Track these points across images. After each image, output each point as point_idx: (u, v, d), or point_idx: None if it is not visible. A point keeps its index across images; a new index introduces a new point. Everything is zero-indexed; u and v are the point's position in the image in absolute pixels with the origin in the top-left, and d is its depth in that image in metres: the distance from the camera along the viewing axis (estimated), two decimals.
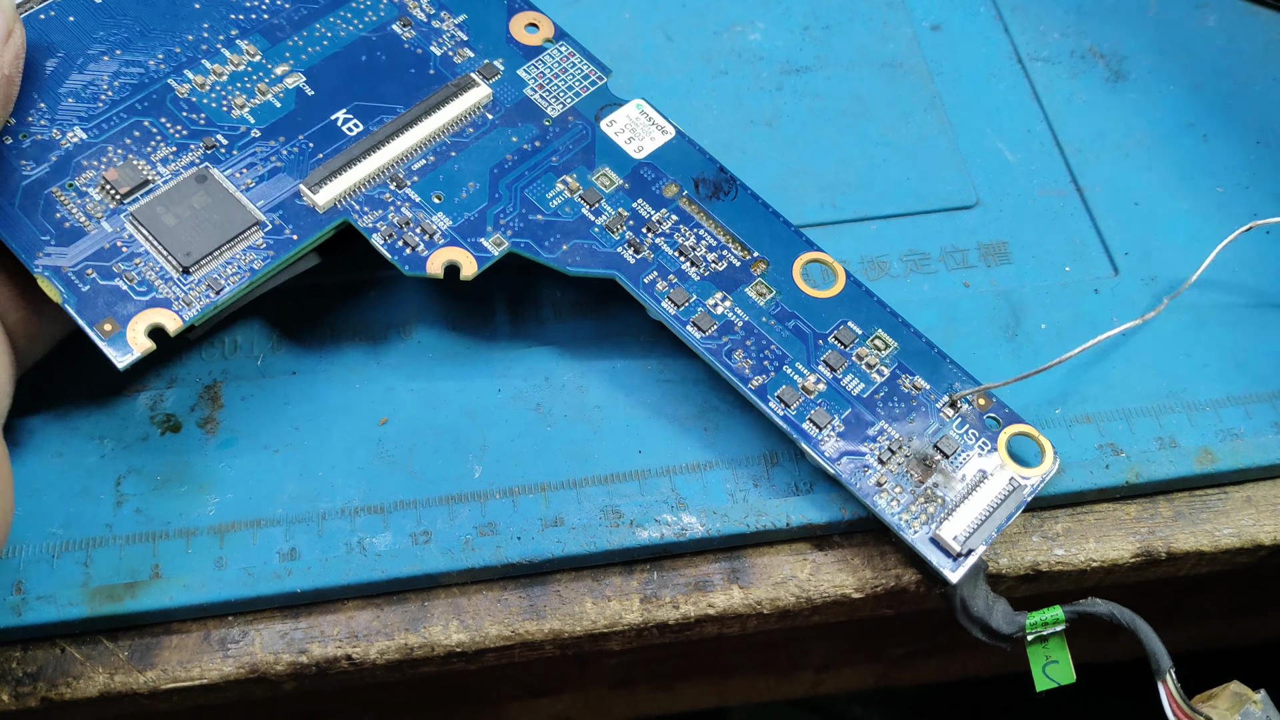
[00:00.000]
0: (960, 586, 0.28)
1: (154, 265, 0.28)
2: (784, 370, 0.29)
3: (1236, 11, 0.40)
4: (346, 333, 0.33)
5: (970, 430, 0.29)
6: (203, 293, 0.28)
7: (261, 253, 0.29)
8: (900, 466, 0.29)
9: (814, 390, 0.29)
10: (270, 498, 0.30)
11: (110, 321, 0.27)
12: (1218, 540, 0.30)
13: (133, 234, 0.28)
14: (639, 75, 0.38)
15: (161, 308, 0.27)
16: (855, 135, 0.37)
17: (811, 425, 0.29)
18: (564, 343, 0.33)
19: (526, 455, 0.31)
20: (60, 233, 0.28)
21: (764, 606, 0.29)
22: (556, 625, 0.29)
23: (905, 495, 0.28)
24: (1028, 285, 0.34)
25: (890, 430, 0.29)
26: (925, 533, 0.28)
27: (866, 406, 0.29)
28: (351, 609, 0.29)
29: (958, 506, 0.28)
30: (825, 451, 0.29)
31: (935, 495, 0.28)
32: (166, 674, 0.28)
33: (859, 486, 0.28)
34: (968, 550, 0.28)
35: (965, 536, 0.28)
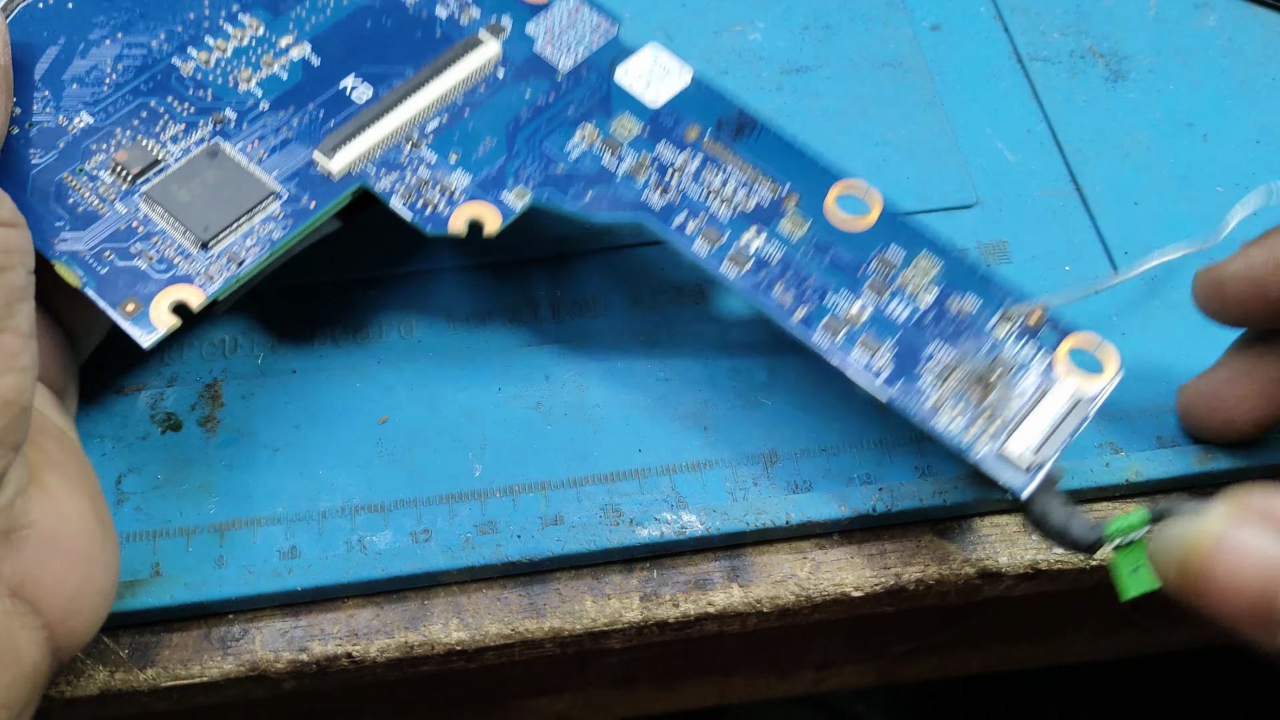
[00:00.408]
0: (1034, 501, 0.27)
1: (172, 243, 0.28)
2: (826, 301, 0.28)
3: (1236, 11, 0.40)
4: (347, 333, 0.33)
5: (1027, 345, 0.28)
6: (224, 266, 0.27)
7: (280, 222, 0.28)
8: (957, 388, 0.27)
9: (859, 318, 0.28)
10: (270, 496, 0.30)
11: (132, 301, 0.27)
12: None
13: (148, 213, 0.28)
14: None
15: (183, 284, 0.27)
16: (855, 135, 0.37)
17: (862, 351, 0.28)
18: (564, 343, 0.33)
19: (526, 454, 0.31)
20: (74, 217, 0.28)
21: (764, 605, 0.29)
22: (556, 624, 0.29)
23: (965, 415, 0.27)
24: (1028, 285, 0.33)
25: (943, 353, 0.28)
26: (991, 450, 0.27)
27: (915, 331, 0.28)
28: (352, 607, 0.29)
29: (1022, 422, 0.27)
30: (878, 381, 0.28)
31: (997, 414, 0.27)
32: (167, 672, 0.29)
33: (916, 411, 0.27)
34: (1038, 464, 0.27)
35: (1034, 450, 0.27)
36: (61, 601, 0.24)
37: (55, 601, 0.24)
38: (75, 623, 0.24)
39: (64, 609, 0.24)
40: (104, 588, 0.25)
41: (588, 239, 0.34)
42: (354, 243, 0.34)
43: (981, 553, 0.30)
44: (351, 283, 0.34)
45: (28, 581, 0.23)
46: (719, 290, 0.34)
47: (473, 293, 0.34)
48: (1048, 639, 0.43)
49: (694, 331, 0.33)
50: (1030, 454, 0.27)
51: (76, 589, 0.24)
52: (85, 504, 0.25)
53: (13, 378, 0.22)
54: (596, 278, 0.34)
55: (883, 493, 0.30)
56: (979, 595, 0.31)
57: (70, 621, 0.24)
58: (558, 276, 0.34)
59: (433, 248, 0.34)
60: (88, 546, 0.24)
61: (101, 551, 0.25)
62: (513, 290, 0.34)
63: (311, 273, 0.34)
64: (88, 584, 0.24)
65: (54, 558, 0.23)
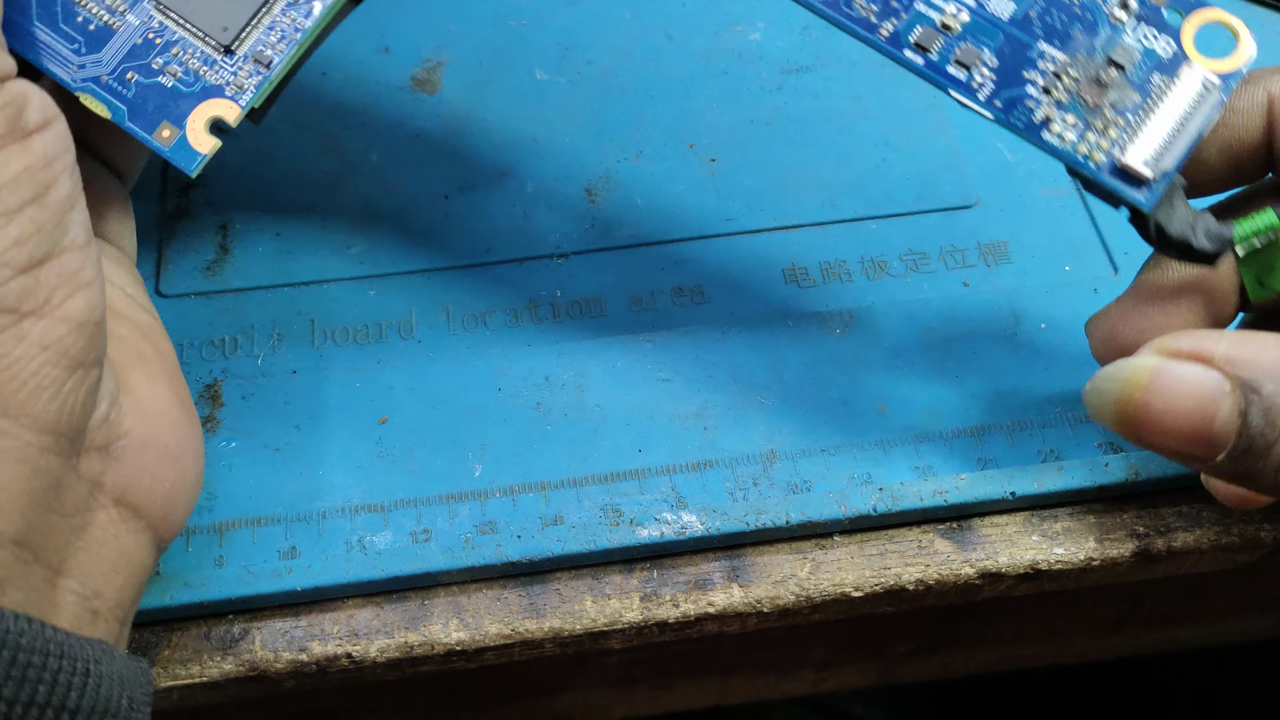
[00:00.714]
0: (1156, 212, 0.25)
1: (194, 51, 0.26)
2: (915, 7, 0.25)
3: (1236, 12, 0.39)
4: (346, 332, 0.33)
5: (1147, 32, 0.25)
6: (252, 70, 0.26)
7: (302, 8, 0.26)
8: (1069, 93, 0.25)
9: (955, 24, 0.25)
10: (270, 496, 0.30)
11: (168, 126, 0.26)
12: (1218, 540, 0.30)
13: (162, 21, 0.26)
14: (639, 75, 0.38)
15: (215, 98, 0.26)
16: (855, 134, 0.37)
17: (958, 68, 0.25)
18: (564, 343, 0.33)
19: (526, 454, 0.31)
20: (88, 37, 0.26)
21: (764, 605, 0.29)
22: (556, 624, 0.29)
23: (1079, 125, 0.25)
24: (1028, 285, 0.34)
25: (1052, 51, 0.25)
26: (1109, 162, 0.25)
27: (1020, 28, 0.25)
28: (351, 607, 0.29)
29: (1143, 125, 0.25)
30: (980, 96, 0.25)
31: (1114, 118, 0.25)
32: (166, 672, 0.29)
33: (1023, 127, 0.25)
34: (1160, 173, 0.25)
35: (1156, 158, 0.25)
36: (160, 500, 0.25)
37: (154, 500, 0.25)
38: (174, 516, 0.25)
39: (163, 506, 0.25)
40: (194, 477, 0.26)
41: (588, 239, 0.34)
42: (354, 242, 0.34)
43: (981, 553, 0.30)
44: (352, 282, 0.34)
45: (129, 488, 0.24)
46: (719, 290, 0.34)
47: (473, 293, 0.34)
48: (1048, 639, 0.43)
49: (694, 331, 0.33)
50: (1153, 161, 0.25)
51: (172, 485, 0.25)
52: (168, 395, 0.26)
53: (80, 297, 0.22)
54: (596, 278, 0.34)
55: (883, 493, 0.30)
56: (979, 596, 0.31)
57: (170, 516, 0.25)
58: (558, 276, 0.34)
59: (433, 247, 0.34)
60: (177, 441, 0.25)
61: (189, 441, 0.26)
62: (513, 290, 0.34)
63: (312, 272, 0.34)
64: (181, 478, 0.25)
65: (149, 460, 0.24)
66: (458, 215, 0.35)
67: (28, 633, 0.20)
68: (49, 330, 0.21)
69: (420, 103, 0.37)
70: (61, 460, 0.22)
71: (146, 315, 0.28)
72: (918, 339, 0.32)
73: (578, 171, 0.36)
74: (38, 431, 0.21)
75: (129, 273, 0.28)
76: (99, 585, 0.23)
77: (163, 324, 0.28)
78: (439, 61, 0.38)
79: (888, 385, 0.32)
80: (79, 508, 0.23)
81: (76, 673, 0.21)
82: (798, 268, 0.34)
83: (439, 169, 0.36)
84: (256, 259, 0.34)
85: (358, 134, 0.37)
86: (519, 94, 0.37)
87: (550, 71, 0.38)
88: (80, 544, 0.23)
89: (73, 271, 0.22)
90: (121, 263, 0.28)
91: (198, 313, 0.33)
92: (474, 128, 0.37)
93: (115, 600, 0.24)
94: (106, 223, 0.28)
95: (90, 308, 0.22)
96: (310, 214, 0.35)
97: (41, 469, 0.22)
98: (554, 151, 0.36)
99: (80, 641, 0.22)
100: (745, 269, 0.34)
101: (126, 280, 0.28)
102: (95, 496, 0.23)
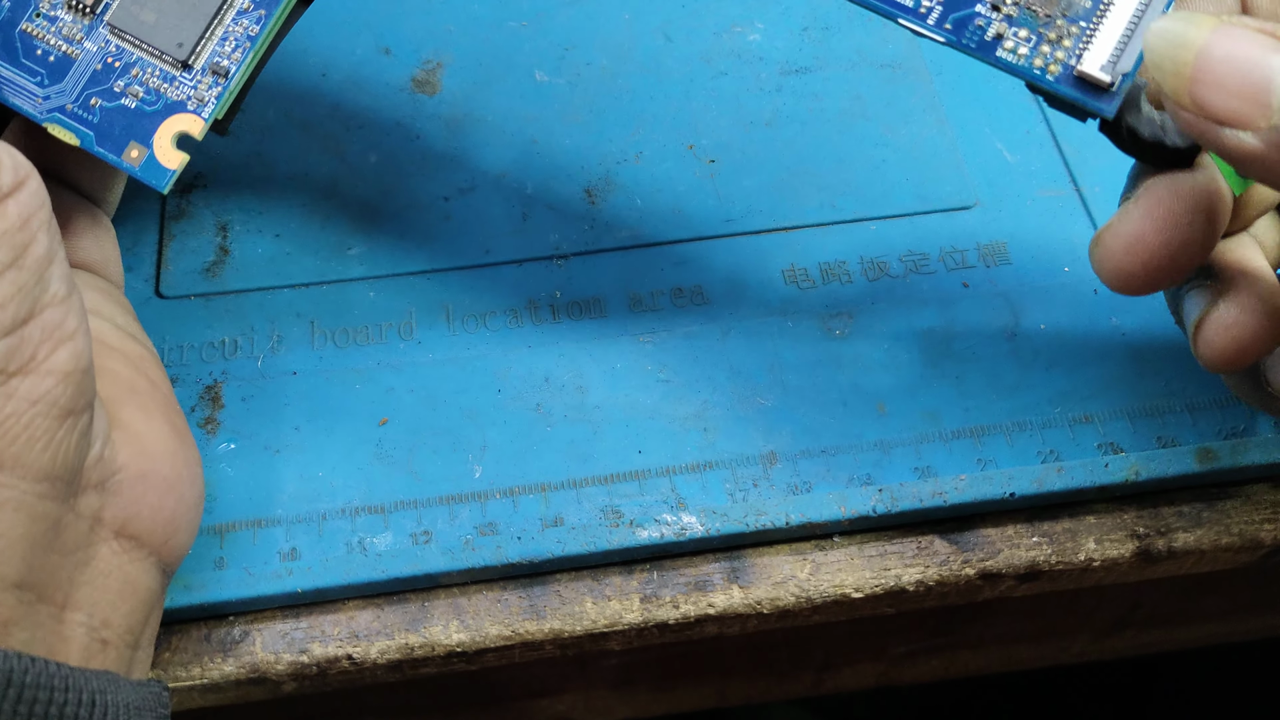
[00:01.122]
0: (1122, 117, 0.25)
1: (153, 70, 0.27)
2: None
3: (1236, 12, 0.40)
4: (346, 333, 0.33)
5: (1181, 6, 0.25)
6: (211, 82, 0.27)
7: (252, 15, 0.27)
8: (1018, 5, 0.25)
9: None
10: (271, 498, 0.30)
11: (135, 146, 0.26)
12: (1218, 540, 0.30)
13: (119, 44, 0.27)
14: (639, 75, 0.38)
15: (179, 113, 0.26)
16: (855, 135, 0.37)
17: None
18: (564, 343, 0.33)
19: (526, 455, 0.31)
20: (49, 68, 0.27)
21: (764, 606, 0.29)
22: (557, 625, 0.29)
23: (1032, 38, 0.25)
24: (1027, 285, 0.34)
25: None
26: (1066, 73, 0.24)
27: None
28: (352, 609, 0.29)
29: (1097, 30, 0.24)
30: (930, 20, 0.25)
31: (1067, 27, 0.25)
32: (167, 674, 0.29)
33: (976, 47, 0.25)
34: (1119, 76, 0.24)
35: (1113, 62, 0.24)
36: (161, 527, 0.25)
37: (155, 529, 0.25)
38: (177, 540, 0.26)
39: (164, 532, 0.25)
40: (194, 502, 0.26)
41: (588, 239, 0.34)
42: (354, 243, 0.34)
43: (981, 554, 0.30)
44: (352, 283, 0.34)
45: (129, 520, 0.24)
46: (719, 291, 0.34)
47: (473, 293, 0.34)
48: (1048, 639, 0.43)
49: (694, 331, 0.33)
50: (1110, 66, 0.24)
51: (172, 512, 0.25)
52: (163, 425, 0.26)
53: (65, 349, 0.22)
54: (596, 278, 0.34)
55: (882, 494, 0.30)
56: (979, 596, 0.31)
57: (172, 541, 0.26)
58: (557, 277, 0.34)
59: (432, 248, 0.34)
60: (174, 469, 0.26)
61: (186, 467, 0.26)
62: (513, 290, 0.34)
63: (312, 274, 0.34)
64: (180, 504, 0.26)
65: (147, 492, 0.25)
66: (457, 216, 0.35)
67: (32, 670, 0.21)
68: (36, 385, 0.22)
69: (420, 104, 0.37)
70: (58, 503, 0.23)
71: (138, 346, 0.28)
72: (918, 339, 0.32)
73: (578, 172, 0.36)
74: (33, 480, 0.22)
75: (118, 303, 0.29)
76: (106, 615, 0.24)
77: (156, 353, 0.29)
78: (439, 62, 0.38)
79: (888, 385, 0.32)
80: (79, 544, 0.23)
81: (83, 704, 0.22)
82: (797, 269, 0.34)
83: (439, 170, 0.36)
84: (256, 260, 0.34)
85: (357, 135, 0.37)
86: (519, 95, 0.37)
87: (550, 72, 0.38)
88: (84, 578, 0.24)
89: (55, 325, 0.22)
90: (109, 293, 0.29)
91: (197, 314, 0.33)
92: (474, 128, 0.37)
93: (124, 627, 0.24)
94: (90, 255, 0.29)
95: (76, 357, 0.22)
96: (310, 215, 0.35)
97: (39, 514, 0.22)
98: (554, 152, 0.36)
99: (86, 674, 0.22)
100: (745, 270, 0.34)
101: (115, 311, 0.28)
102: (95, 531, 0.24)
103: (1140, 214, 0.25)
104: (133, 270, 0.34)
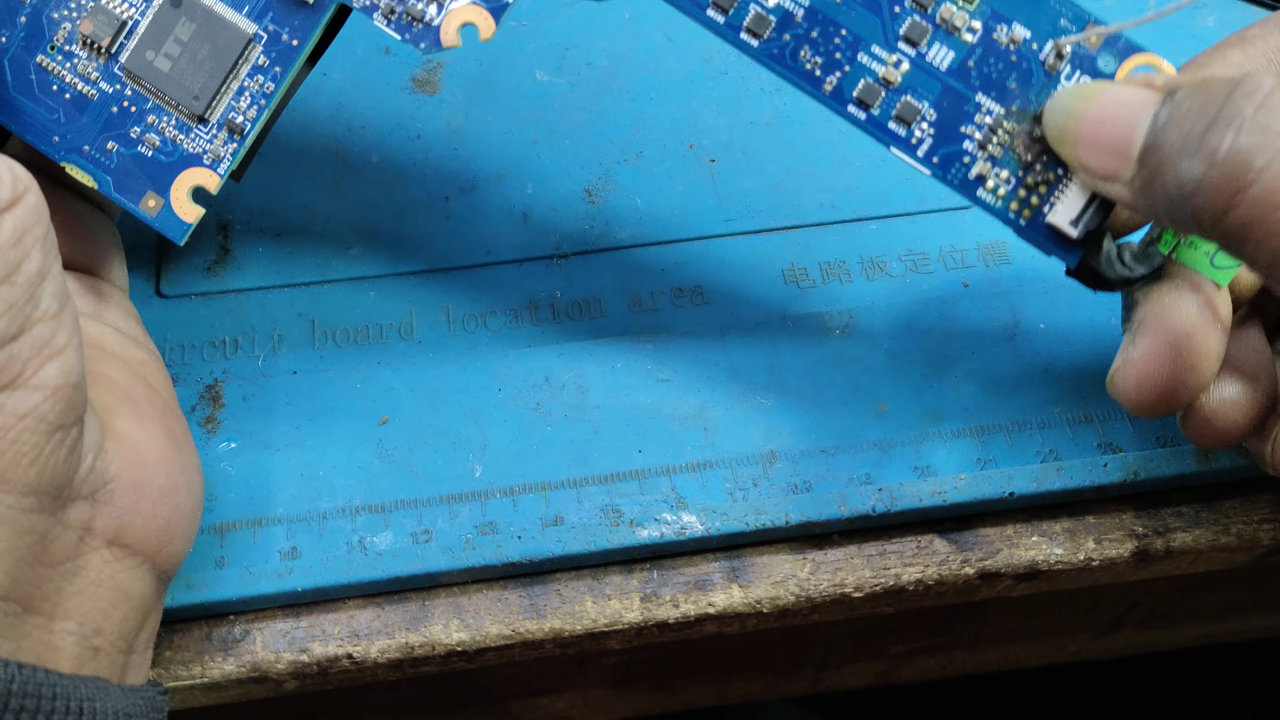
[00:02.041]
0: (1084, 260, 0.26)
1: (169, 119, 0.27)
2: (859, 60, 0.26)
3: (1236, 11, 0.40)
4: (346, 333, 0.33)
5: (1083, 79, 0.26)
6: (226, 139, 0.27)
7: (268, 72, 0.27)
8: (1003, 147, 0.26)
9: (896, 77, 0.26)
10: (271, 497, 0.30)
11: (152, 196, 0.26)
12: (1216, 539, 0.30)
13: (135, 89, 0.27)
14: (639, 75, 0.38)
15: (195, 166, 0.27)
16: (855, 135, 0.37)
17: (898, 124, 0.26)
18: (564, 343, 0.33)
19: (526, 455, 0.31)
20: (65, 107, 0.27)
21: (763, 605, 0.30)
22: (557, 624, 0.29)
23: (1011, 180, 0.26)
24: (1026, 285, 0.34)
25: (989, 104, 0.26)
26: (1036, 220, 0.26)
27: (959, 79, 0.26)
28: (352, 608, 0.29)
29: (1071, 182, 0.26)
30: (919, 153, 0.26)
31: (1044, 174, 0.26)
32: (168, 673, 0.29)
33: (959, 183, 0.26)
34: (1084, 233, 0.25)
35: (1081, 216, 0.26)
36: (155, 535, 0.25)
37: (149, 537, 0.25)
38: (172, 548, 0.26)
39: (159, 540, 0.25)
40: (191, 507, 0.26)
41: (588, 239, 0.35)
42: (354, 243, 0.34)
43: (980, 553, 0.30)
44: (352, 283, 0.34)
45: (121, 530, 0.24)
46: (719, 291, 0.34)
47: (473, 293, 0.34)
48: (1046, 639, 0.43)
49: (694, 332, 0.33)
50: (1078, 220, 0.26)
51: (166, 520, 0.25)
52: (159, 433, 0.26)
53: (55, 364, 0.22)
54: (596, 278, 0.34)
55: (882, 493, 0.30)
56: (978, 596, 0.31)
57: (167, 548, 0.26)
58: (558, 276, 0.34)
59: (433, 248, 0.34)
60: (169, 478, 0.26)
61: (182, 475, 0.26)
62: (513, 290, 0.34)
63: (313, 273, 0.34)
64: (175, 512, 0.26)
65: (140, 501, 0.25)
66: (458, 216, 0.35)
67: (19, 678, 0.21)
68: (25, 399, 0.22)
69: (420, 103, 0.37)
70: (45, 516, 0.23)
71: (139, 351, 0.28)
72: (917, 339, 0.32)
73: (578, 172, 0.36)
74: (19, 494, 0.22)
75: (120, 307, 0.29)
76: (99, 623, 0.24)
77: (159, 357, 0.29)
78: (439, 62, 0.38)
79: (888, 385, 0.32)
80: (68, 555, 0.23)
81: (70, 712, 0.22)
82: (797, 268, 0.34)
83: (439, 170, 0.36)
84: (257, 259, 0.34)
85: (358, 135, 0.37)
86: (519, 95, 0.37)
87: (550, 72, 0.38)
88: (74, 588, 0.24)
89: (45, 341, 0.22)
90: (111, 297, 0.29)
91: (198, 313, 0.33)
92: (474, 128, 0.37)
93: (117, 634, 0.24)
94: (94, 259, 0.29)
95: (65, 372, 0.22)
96: (310, 214, 0.35)
97: (25, 528, 0.22)
98: (554, 152, 0.36)
99: (76, 682, 0.22)
100: (745, 270, 0.34)
101: (117, 316, 0.28)
102: (86, 541, 0.24)
103: (1140, 354, 0.26)
104: (133, 269, 0.34)
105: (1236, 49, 0.26)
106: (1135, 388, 0.26)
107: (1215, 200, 0.21)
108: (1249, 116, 0.21)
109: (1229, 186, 0.21)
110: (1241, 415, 0.26)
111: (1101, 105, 0.24)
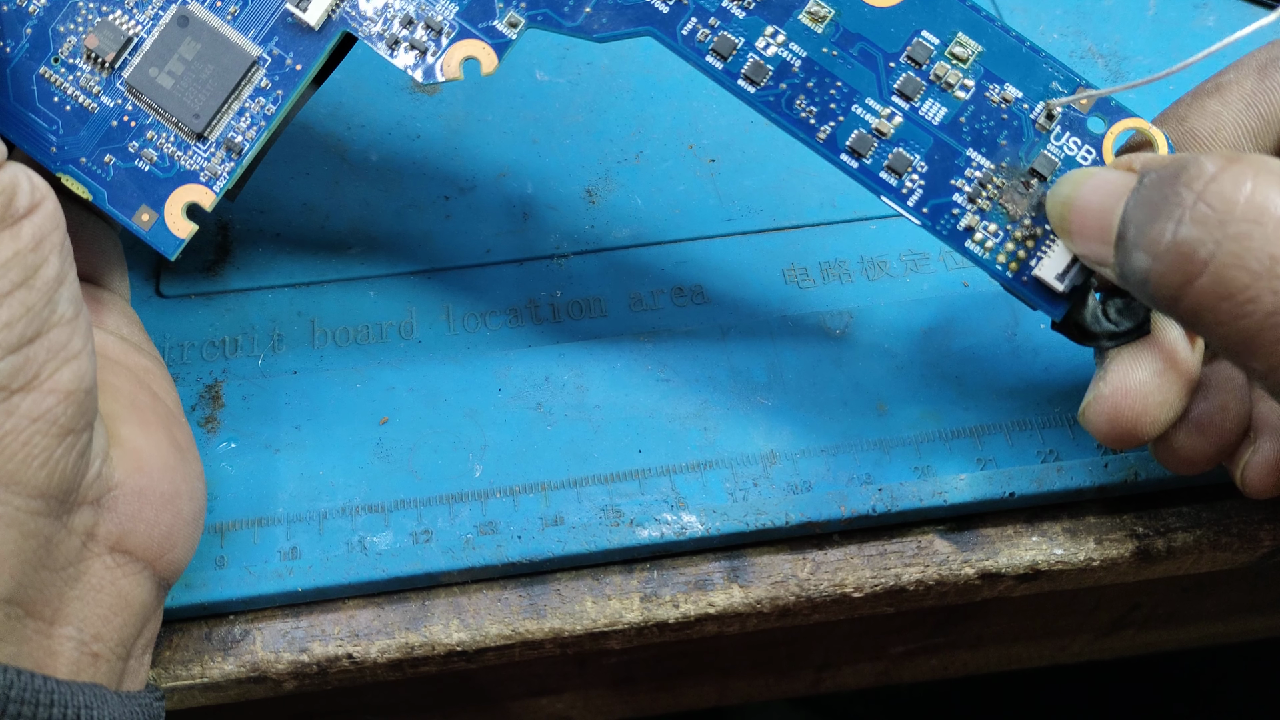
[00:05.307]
0: (1069, 319, 0.26)
1: (168, 135, 0.27)
2: (853, 111, 0.27)
3: (1236, 11, 0.40)
4: (346, 332, 0.33)
5: (1072, 139, 0.27)
6: (224, 158, 0.27)
7: (270, 95, 0.27)
8: (992, 201, 0.26)
9: (889, 130, 0.27)
10: (271, 497, 0.30)
11: (146, 210, 0.26)
12: (1217, 540, 0.30)
13: (136, 104, 0.27)
14: (639, 75, 0.38)
15: (190, 183, 0.27)
16: None
17: (890, 174, 0.27)
18: (564, 343, 0.33)
19: (526, 455, 0.31)
20: (65, 118, 0.27)
21: (764, 605, 0.30)
22: (557, 624, 0.29)
23: (999, 234, 0.26)
24: None
25: (979, 159, 0.26)
26: (1023, 272, 0.26)
27: (951, 134, 0.27)
28: (352, 608, 0.29)
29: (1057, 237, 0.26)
30: (909, 203, 0.26)
31: (1032, 229, 0.26)
32: (168, 673, 0.29)
33: (947, 234, 0.27)
34: (1070, 288, 0.26)
35: (1067, 271, 0.26)
36: (157, 542, 0.25)
37: (151, 544, 0.25)
38: (173, 555, 0.26)
39: (160, 547, 0.25)
40: (192, 516, 0.26)
41: (588, 239, 0.35)
42: (354, 243, 0.34)
43: (981, 553, 0.30)
44: (351, 283, 0.34)
45: (124, 536, 0.25)
46: (719, 291, 0.34)
47: (473, 292, 0.34)
48: (1047, 639, 0.43)
49: (694, 331, 0.33)
50: (1063, 275, 0.26)
51: (169, 527, 0.25)
52: (163, 441, 0.26)
53: (69, 369, 0.22)
54: (596, 278, 0.34)
55: (882, 493, 0.30)
56: (978, 596, 0.31)
57: (169, 555, 0.26)
58: (558, 276, 0.34)
59: (433, 248, 0.34)
60: (171, 485, 0.26)
61: (185, 482, 0.26)
62: (513, 290, 0.34)
63: (312, 273, 0.34)
64: (178, 519, 0.26)
65: (143, 508, 0.25)
66: (458, 215, 0.35)
67: (17, 683, 0.21)
68: (38, 403, 0.22)
69: (420, 103, 0.37)
70: (51, 520, 0.23)
71: (143, 358, 0.28)
72: (917, 339, 0.32)
73: (578, 172, 0.36)
74: (27, 497, 0.22)
75: (122, 314, 0.29)
76: (98, 629, 0.24)
77: (163, 364, 0.29)
78: None
79: (888, 385, 0.32)
80: (71, 560, 0.24)
81: (66, 719, 0.22)
82: (797, 268, 0.34)
83: (439, 170, 0.36)
84: (256, 259, 0.34)
85: (358, 134, 0.37)
86: (519, 94, 0.37)
87: (550, 72, 0.38)
88: (75, 593, 0.24)
89: (61, 345, 0.22)
90: (114, 305, 0.29)
91: (198, 313, 0.33)
92: (474, 128, 0.37)
93: (116, 640, 0.24)
94: (97, 268, 0.29)
95: (79, 377, 0.23)
96: (310, 214, 0.35)
97: (31, 531, 0.22)
98: (554, 152, 0.36)
99: (73, 688, 0.22)
100: (745, 269, 0.34)
101: (120, 323, 0.28)
102: (88, 547, 0.24)
103: (1110, 390, 0.26)
104: (133, 269, 0.34)
105: (1213, 97, 0.27)
106: (1108, 423, 0.26)
107: (1164, 290, 0.22)
108: (1189, 207, 0.22)
109: (1175, 279, 0.22)
110: (1209, 446, 0.27)
111: (1085, 192, 0.25)
